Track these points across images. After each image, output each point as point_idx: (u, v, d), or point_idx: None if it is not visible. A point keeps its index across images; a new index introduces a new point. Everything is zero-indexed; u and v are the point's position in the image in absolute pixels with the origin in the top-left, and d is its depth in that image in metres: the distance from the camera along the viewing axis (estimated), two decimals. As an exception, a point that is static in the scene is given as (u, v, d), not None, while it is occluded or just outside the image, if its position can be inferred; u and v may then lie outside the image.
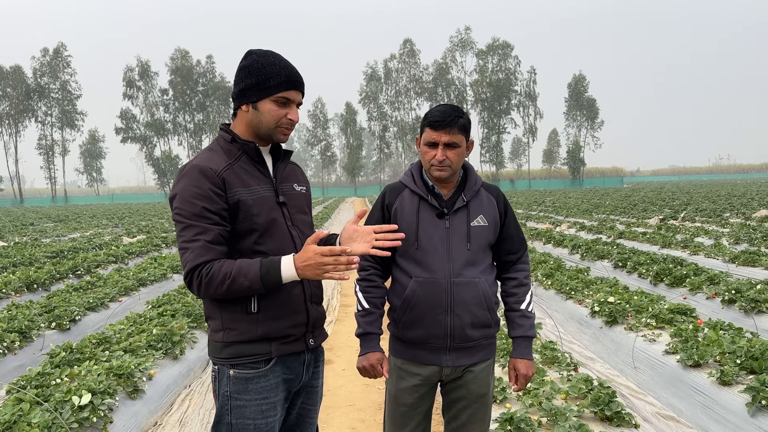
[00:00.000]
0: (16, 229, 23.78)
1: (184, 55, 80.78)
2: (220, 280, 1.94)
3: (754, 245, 10.94)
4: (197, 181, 2.00)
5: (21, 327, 5.91)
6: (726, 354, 4.39)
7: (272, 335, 2.06)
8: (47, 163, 78.08)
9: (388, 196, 2.53)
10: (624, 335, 5.61)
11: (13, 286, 8.44)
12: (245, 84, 2.09)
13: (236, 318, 2.04)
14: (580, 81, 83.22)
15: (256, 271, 1.95)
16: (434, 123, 2.39)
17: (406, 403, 2.50)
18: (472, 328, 2.42)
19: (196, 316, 6.25)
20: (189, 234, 1.98)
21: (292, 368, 2.12)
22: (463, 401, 2.49)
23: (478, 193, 2.52)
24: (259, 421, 2.05)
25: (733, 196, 30.71)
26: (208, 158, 2.08)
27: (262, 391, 2.05)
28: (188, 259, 1.97)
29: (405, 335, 2.47)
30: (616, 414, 3.60)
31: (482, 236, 2.46)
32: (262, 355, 2.05)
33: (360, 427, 4.17)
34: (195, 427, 4.20)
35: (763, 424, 3.58)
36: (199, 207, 1.98)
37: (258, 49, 2.13)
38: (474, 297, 2.41)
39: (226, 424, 2.05)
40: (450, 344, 2.42)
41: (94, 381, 4.04)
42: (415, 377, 2.47)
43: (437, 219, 2.44)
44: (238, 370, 2.04)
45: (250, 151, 2.12)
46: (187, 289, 2.03)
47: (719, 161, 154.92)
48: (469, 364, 2.46)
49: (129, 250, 13.12)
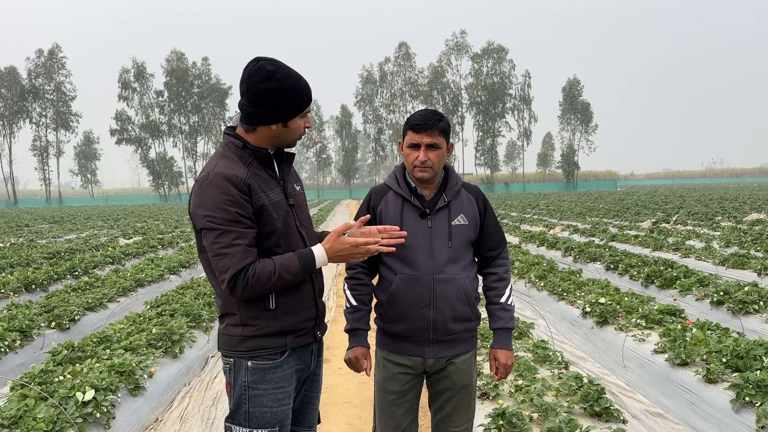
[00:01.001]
0: (11, 230, 23.77)
1: (179, 56, 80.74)
2: (266, 278, 2.06)
3: (744, 248, 11.10)
4: (226, 188, 2.07)
5: (22, 326, 5.99)
6: (712, 353, 4.52)
7: (288, 329, 2.20)
8: (42, 165, 77.89)
9: (373, 198, 2.69)
10: (614, 335, 5.74)
11: (12, 287, 8.51)
12: (278, 107, 2.15)
13: (256, 314, 2.16)
14: (574, 85, 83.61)
15: (297, 265, 2.11)
16: (416, 126, 2.55)
17: (393, 392, 2.64)
18: (453, 321, 2.56)
19: (195, 316, 6.35)
20: (226, 240, 2.05)
21: (302, 359, 2.28)
22: (448, 392, 2.64)
23: (459, 193, 2.66)
24: (276, 409, 2.17)
25: (726, 199, 30.96)
26: (228, 165, 2.13)
27: (278, 380, 2.18)
28: (230, 264, 2.03)
29: (390, 328, 2.62)
30: (605, 410, 3.72)
31: (463, 234, 2.61)
32: (278, 347, 2.19)
33: (356, 423, 4.28)
34: (195, 423, 4.29)
35: (746, 420, 3.71)
36: (233, 213, 2.06)
37: (275, 66, 2.14)
38: (455, 293, 2.55)
39: (244, 413, 2.16)
40: (433, 337, 2.57)
41: (97, 378, 4.13)
42: (401, 368, 2.62)
43: (420, 219, 2.59)
44: (257, 361, 2.16)
45: (261, 157, 2.21)
46: (229, 291, 2.08)
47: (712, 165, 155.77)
48: (451, 355, 2.61)
49: (126, 251, 13.19)
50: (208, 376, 5.29)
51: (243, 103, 2.19)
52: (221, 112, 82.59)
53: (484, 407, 3.92)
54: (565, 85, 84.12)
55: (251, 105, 2.15)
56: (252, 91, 2.13)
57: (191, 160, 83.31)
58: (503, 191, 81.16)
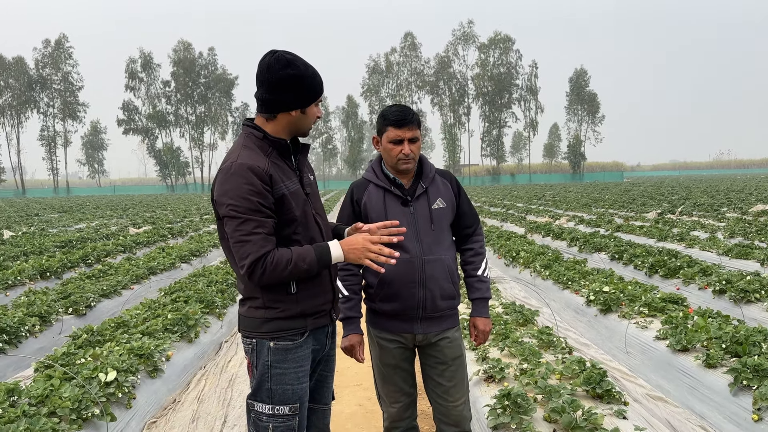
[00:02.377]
0: (21, 219, 24.04)
1: (187, 47, 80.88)
2: (283, 266, 2.16)
3: (748, 239, 11.18)
4: (249, 178, 2.17)
5: (40, 312, 6.18)
6: (713, 339, 4.64)
7: (308, 312, 2.32)
8: (49, 155, 78.35)
9: (355, 193, 2.88)
10: (617, 323, 5.87)
11: (28, 274, 8.71)
12: (299, 93, 2.27)
13: (278, 298, 2.28)
14: (581, 75, 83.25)
15: (313, 257, 2.21)
16: (397, 122, 2.73)
17: (389, 364, 2.89)
18: (441, 299, 2.80)
19: (208, 303, 6.52)
20: (248, 227, 2.15)
21: (319, 339, 2.42)
22: (441, 365, 2.86)
23: (434, 180, 2.88)
24: (296, 386, 2.31)
25: (732, 191, 30.94)
26: (250, 156, 2.23)
27: (298, 360, 2.31)
28: (251, 251, 2.14)
29: (382, 308, 2.83)
30: (607, 392, 3.85)
31: (443, 217, 2.84)
32: (299, 329, 2.31)
33: (366, 404, 4.46)
34: (213, 403, 4.46)
35: (743, 403, 3.84)
36: (255, 202, 2.16)
37: (292, 55, 2.28)
38: (442, 272, 2.79)
39: (267, 390, 2.28)
40: (422, 315, 2.80)
41: (117, 360, 4.30)
42: (393, 343, 2.86)
43: (402, 206, 2.80)
44: (279, 342, 2.29)
45: (280, 148, 2.33)
46: (247, 277, 2.19)
47: (720, 156, 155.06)
48: (437, 331, 2.84)
49: (137, 240, 13.39)
50: (222, 359, 5.46)
51: (262, 92, 2.28)
52: (227, 102, 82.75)
53: (489, 389, 4.07)
54: (572, 75, 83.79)
55: (272, 92, 2.26)
56: (274, 78, 2.24)
57: (198, 150, 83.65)
58: (509, 182, 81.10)
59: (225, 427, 4.03)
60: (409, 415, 2.97)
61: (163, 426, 4.13)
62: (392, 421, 2.97)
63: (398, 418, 2.95)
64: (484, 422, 3.61)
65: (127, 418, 3.99)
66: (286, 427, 2.28)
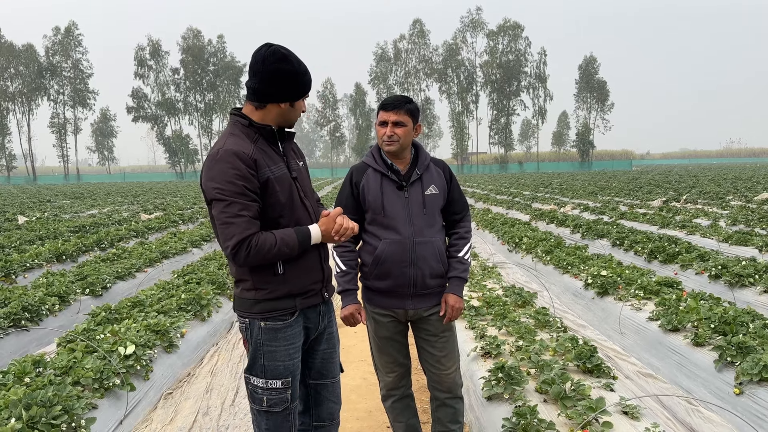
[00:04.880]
0: (34, 205, 24.45)
1: (196, 34, 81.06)
2: (267, 249, 2.30)
3: (749, 226, 11.33)
4: (235, 163, 2.29)
5: (59, 292, 6.46)
6: (702, 320, 4.85)
7: (296, 292, 2.46)
8: (59, 142, 78.94)
9: (355, 176, 3.08)
10: (613, 305, 6.08)
11: (44, 257, 9.01)
12: (292, 87, 2.41)
13: (266, 279, 2.41)
14: (591, 63, 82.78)
15: (295, 240, 2.38)
16: (385, 105, 3.00)
17: (384, 337, 3.13)
18: (430, 278, 3.02)
19: (219, 284, 6.78)
20: (233, 210, 2.27)
21: (310, 318, 2.58)
22: (432, 337, 3.11)
23: (429, 167, 3.09)
24: (288, 362, 2.49)
25: (740, 179, 30.93)
26: (236, 143, 2.35)
27: (288, 338, 2.48)
28: (235, 233, 2.27)
29: (375, 285, 3.05)
30: (596, 367, 4.07)
31: (435, 202, 3.05)
32: (288, 309, 2.45)
33: (370, 378, 4.71)
34: (225, 376, 4.73)
35: (727, 378, 4.06)
36: (240, 186, 2.28)
37: (287, 50, 2.41)
38: (432, 253, 3.01)
39: (260, 366, 2.47)
40: (413, 291, 3.02)
41: (135, 336, 4.56)
42: (387, 317, 3.09)
43: (398, 191, 3.01)
44: (269, 322, 2.44)
45: (266, 134, 2.44)
46: (231, 258, 2.31)
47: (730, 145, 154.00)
48: (427, 307, 3.07)
49: (148, 225, 13.70)
50: (234, 337, 5.73)
51: (255, 82, 2.39)
52: (236, 90, 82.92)
53: (486, 364, 4.30)
54: (582, 62, 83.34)
55: (264, 84, 2.38)
56: (267, 71, 2.36)
57: (207, 138, 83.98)
58: (517, 170, 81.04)
59: (237, 397, 4.29)
60: (404, 384, 3.22)
61: (179, 396, 4.40)
62: (388, 390, 3.21)
63: (394, 387, 3.19)
64: (479, 393, 3.84)
65: (145, 388, 4.25)
66: (279, 399, 2.48)
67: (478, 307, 5.58)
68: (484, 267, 7.92)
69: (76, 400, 3.52)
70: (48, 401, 3.41)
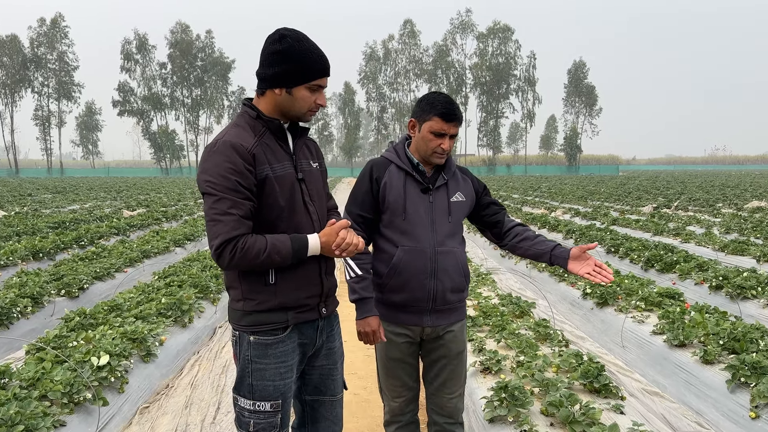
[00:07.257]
0: (14, 199, 23.86)
1: (184, 29, 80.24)
2: (254, 254, 2.05)
3: (744, 235, 11.19)
4: (230, 156, 2.07)
5: (32, 293, 6.11)
6: (710, 335, 4.63)
7: (289, 305, 2.19)
8: (43, 135, 77.73)
9: (375, 170, 2.73)
10: (614, 316, 5.85)
11: (20, 255, 8.62)
12: (281, 69, 2.14)
13: (256, 289, 2.16)
14: (580, 67, 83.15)
15: (288, 249, 2.11)
16: (447, 115, 2.63)
17: (396, 358, 2.81)
18: (451, 292, 2.72)
19: (203, 288, 6.46)
20: (222, 206, 2.04)
21: (306, 334, 2.28)
22: (444, 359, 2.79)
23: (455, 174, 2.83)
24: (278, 383, 2.21)
25: (727, 186, 31.01)
26: (237, 134, 2.14)
27: (280, 355, 2.20)
28: (221, 231, 2.03)
29: (390, 299, 2.72)
30: (604, 386, 3.83)
31: (460, 210, 2.78)
32: (279, 323, 2.19)
33: (362, 393, 4.42)
34: (206, 389, 4.42)
35: (740, 400, 3.83)
36: (233, 181, 2.05)
37: (291, 32, 2.17)
38: (454, 265, 2.72)
39: (248, 385, 2.20)
40: (432, 307, 2.71)
41: (110, 344, 4.25)
42: (401, 337, 2.76)
43: (422, 194, 2.71)
44: (258, 336, 2.18)
45: (274, 128, 2.21)
46: (215, 259, 2.07)
47: (715, 152, 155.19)
48: (445, 324, 2.77)
49: (130, 223, 13.30)
50: (216, 345, 5.42)
51: (258, 69, 2.21)
52: (224, 86, 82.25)
53: (486, 381, 4.04)
54: (571, 67, 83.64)
55: (261, 67, 2.19)
56: (264, 53, 2.18)
57: (193, 134, 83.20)
58: (505, 173, 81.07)
59: (218, 414, 3.99)
60: (411, 410, 2.92)
61: (156, 411, 4.09)
62: (393, 415, 2.92)
63: (399, 413, 2.90)
64: (480, 414, 3.58)
65: (119, 402, 3.94)
66: (267, 423, 2.21)
67: (475, 317, 5.32)
68: (478, 273, 7.67)
69: (41, 418, 3.22)
70: (9, 420, 3.10)
